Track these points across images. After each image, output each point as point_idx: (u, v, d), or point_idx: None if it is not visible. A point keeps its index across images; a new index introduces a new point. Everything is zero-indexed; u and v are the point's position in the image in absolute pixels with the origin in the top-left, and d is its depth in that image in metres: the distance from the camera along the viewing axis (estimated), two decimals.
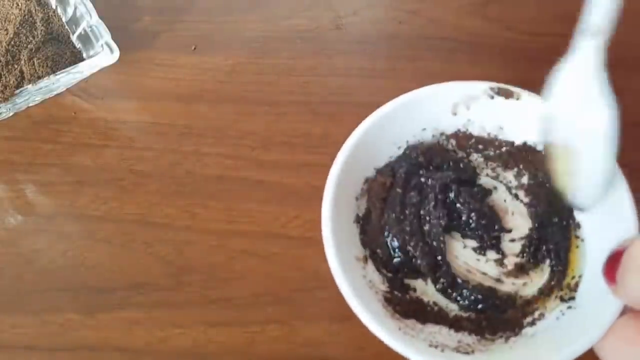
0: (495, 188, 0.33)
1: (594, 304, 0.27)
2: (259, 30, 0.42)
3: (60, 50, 0.39)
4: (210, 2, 0.43)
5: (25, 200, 0.37)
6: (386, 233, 0.32)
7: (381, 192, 0.33)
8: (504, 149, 0.34)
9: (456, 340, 0.29)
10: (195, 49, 0.41)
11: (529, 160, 0.33)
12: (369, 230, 0.32)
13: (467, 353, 0.28)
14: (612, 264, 0.22)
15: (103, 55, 0.38)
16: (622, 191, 0.28)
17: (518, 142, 0.34)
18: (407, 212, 0.32)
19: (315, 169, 0.37)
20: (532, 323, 0.29)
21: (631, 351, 0.22)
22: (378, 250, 0.31)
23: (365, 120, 0.32)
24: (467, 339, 0.29)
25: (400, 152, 0.34)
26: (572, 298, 0.29)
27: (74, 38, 0.40)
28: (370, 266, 0.31)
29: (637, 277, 0.21)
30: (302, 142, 0.38)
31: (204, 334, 0.33)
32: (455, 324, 0.30)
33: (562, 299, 0.29)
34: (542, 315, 0.29)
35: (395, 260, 0.31)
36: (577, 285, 0.29)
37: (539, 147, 0.33)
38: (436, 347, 0.28)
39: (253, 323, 0.33)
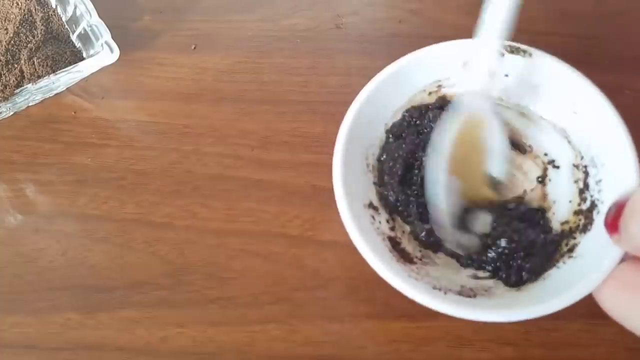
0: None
1: (594, 253, 0.28)
2: (259, 29, 0.42)
3: (60, 49, 0.39)
4: (210, 1, 0.43)
5: (25, 200, 0.37)
6: (391, 180, 0.33)
7: (391, 143, 0.34)
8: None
9: (459, 284, 0.30)
10: (195, 48, 0.41)
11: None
12: (379, 177, 0.33)
13: (470, 297, 0.29)
14: (615, 214, 0.23)
15: (103, 54, 0.38)
16: (626, 146, 0.29)
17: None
18: (407, 161, 0.33)
19: (315, 168, 0.37)
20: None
21: (627, 296, 0.23)
22: (388, 196, 0.32)
23: (379, 73, 0.33)
24: (470, 282, 0.30)
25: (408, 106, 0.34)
26: (574, 248, 0.30)
27: (74, 37, 0.40)
28: (379, 212, 0.32)
29: (639, 222, 0.22)
30: (302, 142, 0.38)
31: (203, 333, 0.33)
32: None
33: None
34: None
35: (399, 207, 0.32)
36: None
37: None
38: (439, 289, 0.28)
39: (253, 322, 0.33)
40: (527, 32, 0.41)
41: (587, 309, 0.26)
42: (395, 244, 0.31)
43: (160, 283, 0.34)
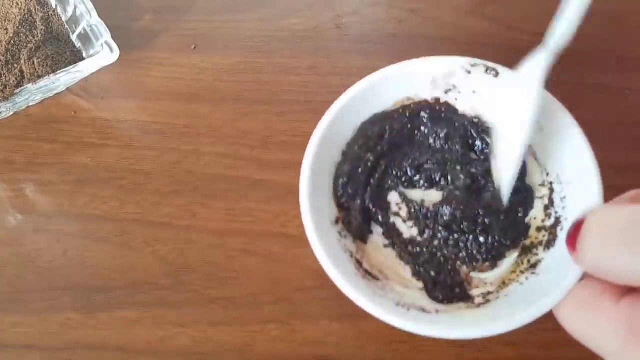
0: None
1: (557, 271, 0.28)
2: (259, 29, 0.42)
3: (60, 49, 0.39)
4: (210, 1, 0.43)
5: (25, 200, 0.37)
6: (350, 192, 0.33)
7: (351, 157, 0.34)
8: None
9: (422, 301, 0.30)
10: (195, 48, 0.41)
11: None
12: (343, 194, 0.33)
13: (431, 312, 0.29)
14: (574, 233, 0.23)
15: (103, 54, 0.38)
16: (589, 164, 0.29)
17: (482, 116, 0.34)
18: (360, 170, 0.33)
19: None
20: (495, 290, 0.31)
21: (584, 315, 0.23)
22: (351, 211, 0.32)
23: (341, 97, 0.33)
24: (432, 304, 0.30)
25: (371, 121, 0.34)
26: (536, 265, 0.30)
27: (74, 37, 0.40)
28: (343, 228, 0.32)
29: (592, 243, 0.22)
30: (302, 142, 0.38)
31: (203, 333, 0.33)
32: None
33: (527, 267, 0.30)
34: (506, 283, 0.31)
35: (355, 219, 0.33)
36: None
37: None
38: (402, 306, 0.29)
39: (253, 322, 0.33)
40: (527, 33, 0.41)
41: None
42: (358, 263, 0.31)
43: (160, 283, 0.34)
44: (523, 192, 0.32)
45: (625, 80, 0.39)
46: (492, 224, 0.31)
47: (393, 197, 0.34)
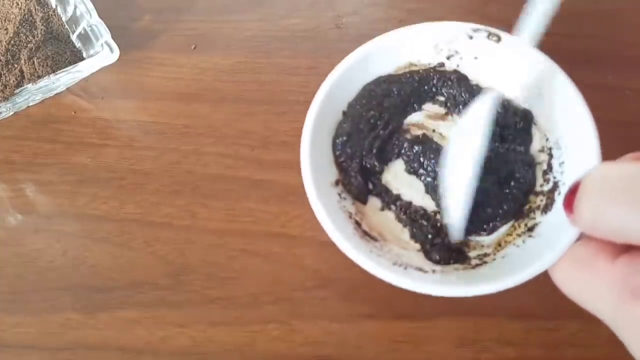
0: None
1: (553, 233, 0.28)
2: (259, 29, 0.42)
3: (60, 49, 0.39)
4: (210, 1, 0.43)
5: (25, 200, 0.37)
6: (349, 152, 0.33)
7: (351, 116, 0.34)
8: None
9: (419, 262, 0.30)
10: (195, 48, 0.41)
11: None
12: (342, 154, 0.33)
13: (428, 272, 0.29)
14: (571, 195, 0.23)
15: (103, 54, 0.38)
16: (589, 128, 0.29)
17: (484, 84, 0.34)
18: (361, 127, 0.33)
19: None
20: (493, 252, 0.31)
21: (580, 275, 0.23)
22: (350, 171, 0.33)
23: (347, 57, 0.33)
24: (429, 265, 0.30)
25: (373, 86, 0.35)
26: (533, 228, 0.30)
27: (73, 37, 0.40)
28: (343, 189, 0.32)
29: (588, 200, 0.22)
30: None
31: (203, 333, 0.33)
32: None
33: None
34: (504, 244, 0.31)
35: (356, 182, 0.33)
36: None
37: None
38: (400, 265, 0.29)
39: (253, 322, 0.33)
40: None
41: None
42: (357, 224, 0.31)
43: (160, 283, 0.34)
44: (526, 165, 0.32)
45: (625, 80, 0.39)
46: (491, 198, 0.31)
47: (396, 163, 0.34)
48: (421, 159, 0.33)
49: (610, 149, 0.30)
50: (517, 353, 0.32)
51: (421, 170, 0.33)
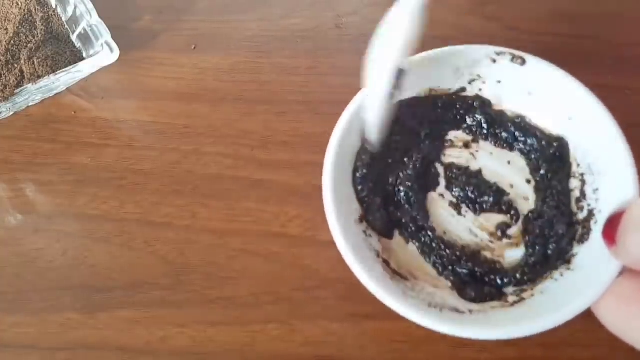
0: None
1: (592, 265, 0.27)
2: (259, 29, 0.42)
3: (60, 49, 0.39)
4: (210, 1, 0.43)
5: (25, 200, 0.37)
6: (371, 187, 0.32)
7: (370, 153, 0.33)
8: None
9: (454, 301, 0.29)
10: (195, 48, 0.41)
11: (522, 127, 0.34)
12: (363, 188, 0.32)
13: (464, 313, 0.28)
14: (612, 226, 0.23)
15: (103, 54, 0.38)
16: (623, 153, 0.28)
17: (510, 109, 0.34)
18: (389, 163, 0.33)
19: (315, 168, 0.36)
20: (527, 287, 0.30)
21: (626, 311, 0.22)
22: (374, 207, 0.32)
23: (358, 94, 0.32)
24: (464, 304, 0.29)
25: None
26: (570, 260, 0.29)
27: (74, 37, 0.40)
28: (368, 226, 0.31)
29: (635, 235, 0.21)
30: (302, 142, 0.38)
31: (203, 333, 0.33)
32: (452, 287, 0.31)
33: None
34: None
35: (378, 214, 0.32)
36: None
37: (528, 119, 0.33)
38: (435, 307, 0.28)
39: (253, 322, 0.33)
40: (527, 33, 0.41)
41: (587, 308, 0.26)
42: (386, 262, 0.31)
43: (160, 283, 0.34)
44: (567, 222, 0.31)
45: (625, 80, 0.39)
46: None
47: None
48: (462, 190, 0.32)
49: None
50: (517, 353, 0.32)
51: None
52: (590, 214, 0.30)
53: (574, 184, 0.31)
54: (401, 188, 0.33)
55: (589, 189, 0.30)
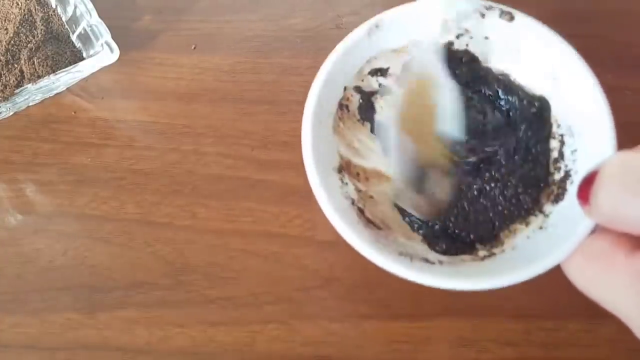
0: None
1: (565, 225, 0.27)
2: (259, 29, 0.42)
3: (60, 49, 0.39)
4: (210, 1, 0.43)
5: (25, 200, 0.37)
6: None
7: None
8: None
9: (425, 252, 0.29)
10: (195, 48, 0.41)
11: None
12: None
13: (434, 263, 0.28)
14: (587, 185, 0.22)
15: (103, 54, 0.38)
16: (604, 115, 0.28)
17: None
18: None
19: None
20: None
21: (595, 268, 0.22)
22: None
23: (346, 37, 0.31)
24: (435, 256, 0.29)
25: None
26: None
27: (73, 37, 0.40)
28: (346, 176, 0.31)
29: (608, 190, 0.21)
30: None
31: (203, 333, 0.33)
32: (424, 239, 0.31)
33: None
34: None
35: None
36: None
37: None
38: (406, 256, 0.28)
39: (253, 322, 0.33)
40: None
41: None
42: (360, 211, 0.30)
43: (160, 283, 0.34)
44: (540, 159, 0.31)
45: (625, 80, 0.39)
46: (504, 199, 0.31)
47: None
48: None
49: None
50: (517, 353, 0.32)
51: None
52: (567, 174, 0.30)
53: (553, 144, 0.31)
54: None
55: (567, 150, 0.30)
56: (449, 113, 0.30)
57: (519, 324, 0.33)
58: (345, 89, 0.33)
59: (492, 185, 0.31)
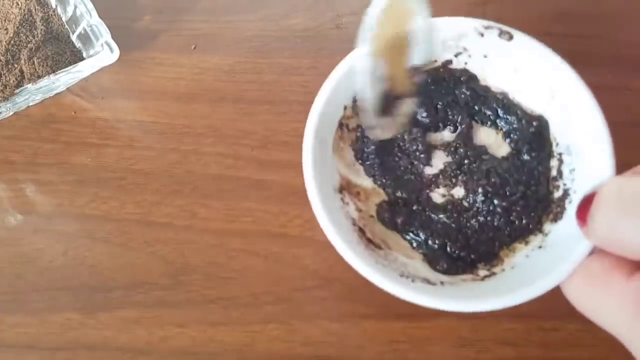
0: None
1: (564, 244, 0.27)
2: (259, 29, 0.42)
3: (60, 49, 0.39)
4: (210, 1, 0.43)
5: (25, 200, 0.37)
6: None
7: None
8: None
9: (427, 273, 0.30)
10: (195, 48, 0.41)
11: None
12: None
13: (435, 284, 0.29)
14: (585, 206, 0.23)
15: (103, 54, 0.38)
16: (602, 135, 0.28)
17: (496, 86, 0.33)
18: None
19: None
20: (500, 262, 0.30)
21: (593, 290, 0.23)
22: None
23: (345, 58, 0.32)
24: (436, 276, 0.30)
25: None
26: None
27: (74, 37, 0.40)
28: (346, 195, 0.32)
29: (605, 214, 0.21)
30: (302, 142, 0.38)
31: (203, 333, 0.33)
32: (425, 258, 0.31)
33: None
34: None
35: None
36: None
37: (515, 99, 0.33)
38: (407, 277, 0.28)
39: (253, 322, 0.33)
40: (527, 33, 0.41)
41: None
42: (362, 231, 0.31)
43: (160, 283, 0.34)
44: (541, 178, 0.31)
45: (625, 80, 0.39)
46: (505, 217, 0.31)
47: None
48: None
49: None
50: (517, 353, 0.32)
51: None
52: (565, 193, 0.30)
53: (552, 163, 0.32)
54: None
55: (566, 169, 0.31)
56: (421, 35, 0.29)
57: (518, 324, 0.33)
58: (345, 108, 0.33)
59: (495, 203, 0.31)
